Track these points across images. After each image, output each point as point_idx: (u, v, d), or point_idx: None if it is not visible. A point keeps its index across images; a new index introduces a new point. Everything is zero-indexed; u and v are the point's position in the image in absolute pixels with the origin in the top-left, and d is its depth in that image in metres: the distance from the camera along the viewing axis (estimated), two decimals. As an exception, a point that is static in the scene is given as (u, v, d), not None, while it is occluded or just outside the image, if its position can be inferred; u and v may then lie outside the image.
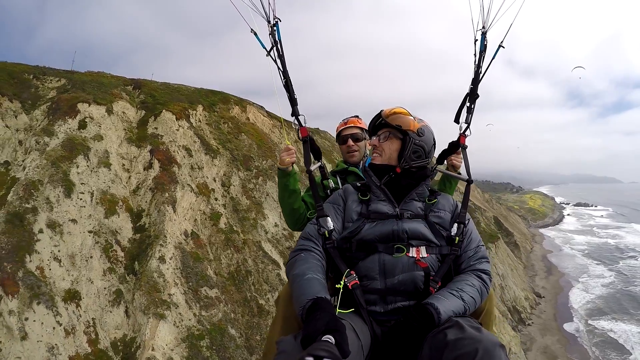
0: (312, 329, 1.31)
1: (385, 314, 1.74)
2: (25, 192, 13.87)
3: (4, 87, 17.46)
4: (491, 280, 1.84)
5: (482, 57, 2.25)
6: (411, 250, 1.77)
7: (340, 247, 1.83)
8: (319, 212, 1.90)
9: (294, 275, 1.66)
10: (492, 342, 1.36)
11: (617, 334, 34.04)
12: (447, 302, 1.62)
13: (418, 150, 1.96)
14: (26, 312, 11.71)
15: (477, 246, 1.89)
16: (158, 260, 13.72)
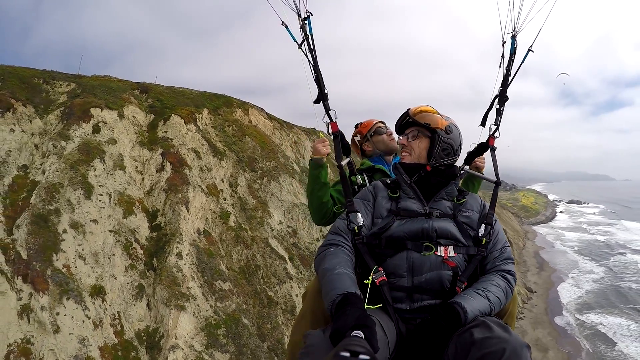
0: (342, 324, 1.34)
1: (412, 311, 1.76)
2: (48, 195, 15.12)
3: (17, 92, 18.55)
4: (516, 281, 1.89)
5: (511, 60, 2.30)
6: (439, 249, 1.80)
7: (369, 243, 1.86)
8: (349, 208, 1.93)
9: (323, 270, 1.69)
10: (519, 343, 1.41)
11: (606, 327, 35.85)
12: (473, 302, 1.65)
13: (447, 148, 2.01)
14: (57, 307, 13.03)
15: (503, 247, 1.92)
16: (176, 257, 15.14)
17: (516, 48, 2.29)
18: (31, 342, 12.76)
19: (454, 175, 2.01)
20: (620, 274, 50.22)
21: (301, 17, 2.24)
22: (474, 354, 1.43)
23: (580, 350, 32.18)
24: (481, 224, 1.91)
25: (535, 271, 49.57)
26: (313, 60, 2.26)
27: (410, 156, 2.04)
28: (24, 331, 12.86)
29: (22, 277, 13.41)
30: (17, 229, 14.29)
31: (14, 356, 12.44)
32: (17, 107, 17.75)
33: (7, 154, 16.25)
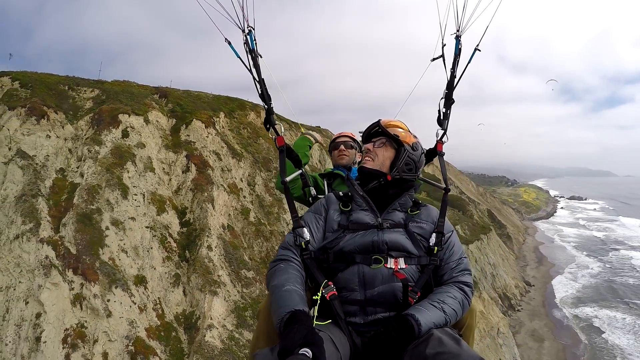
0: (289, 342, 1.38)
1: (365, 325, 1.81)
2: (89, 196, 17.50)
3: (47, 100, 20.77)
4: (473, 293, 1.93)
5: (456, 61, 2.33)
6: (389, 261, 1.85)
7: (317, 258, 1.90)
8: (295, 223, 1.98)
9: (272, 287, 1.72)
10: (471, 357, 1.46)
11: (600, 320, 38.98)
12: (428, 314, 1.69)
13: (410, 164, 2.06)
14: (107, 294, 15.50)
15: (460, 258, 1.96)
16: (206, 249, 17.68)
17: (461, 49, 2.32)
18: (85, 326, 15.24)
19: (410, 187, 2.07)
20: (616, 269, 53.33)
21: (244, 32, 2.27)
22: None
23: (575, 341, 35.07)
24: (432, 234, 1.95)
25: (534, 266, 52.97)
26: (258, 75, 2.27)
27: (372, 162, 2.08)
28: (77, 317, 15.32)
29: (73, 269, 15.84)
30: (64, 227, 16.68)
31: (71, 339, 14.91)
32: (49, 114, 19.99)
33: (45, 158, 18.55)
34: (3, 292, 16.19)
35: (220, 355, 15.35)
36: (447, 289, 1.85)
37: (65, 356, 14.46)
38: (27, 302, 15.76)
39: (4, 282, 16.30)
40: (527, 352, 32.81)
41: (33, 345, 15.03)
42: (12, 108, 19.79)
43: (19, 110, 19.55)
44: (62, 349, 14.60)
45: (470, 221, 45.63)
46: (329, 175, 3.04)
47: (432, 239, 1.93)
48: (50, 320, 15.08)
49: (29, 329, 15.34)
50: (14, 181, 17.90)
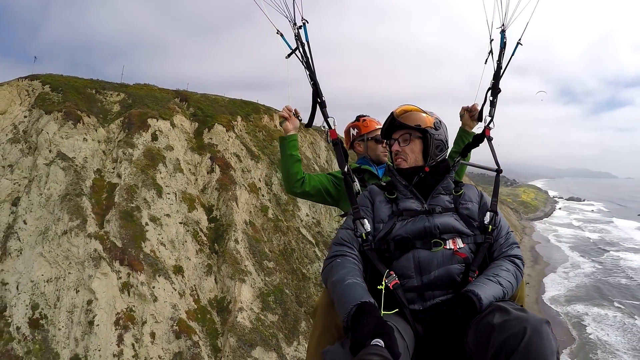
0: (360, 335, 1.45)
1: (425, 310, 1.89)
2: (128, 195, 20.64)
3: (80, 104, 23.67)
4: (524, 264, 2.04)
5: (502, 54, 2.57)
6: (447, 242, 1.95)
7: (378, 249, 1.99)
8: (355, 215, 2.06)
9: (333, 282, 1.81)
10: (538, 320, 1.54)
11: (591, 317, 42.41)
12: (486, 288, 1.79)
13: (440, 144, 2.17)
14: (153, 282, 18.74)
15: (507, 233, 2.09)
16: (234, 242, 21.06)
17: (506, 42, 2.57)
18: (133, 310, 18.47)
19: (448, 169, 2.19)
20: (609, 270, 57.20)
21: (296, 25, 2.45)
22: (495, 338, 1.55)
23: (567, 337, 38.52)
24: (485, 212, 2.08)
25: (530, 264, 57.36)
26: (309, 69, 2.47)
27: (406, 162, 2.17)
28: (126, 302, 18.55)
29: (119, 261, 19.03)
30: (108, 223, 19.82)
31: (122, 321, 18.15)
32: (84, 118, 22.90)
33: (84, 160, 21.55)
34: (52, 283, 19.33)
35: (250, 333, 18.82)
36: (499, 263, 1.97)
37: (118, 336, 17.70)
38: (78, 291, 18.93)
39: (53, 273, 19.43)
40: (520, 346, 36.95)
41: (86, 328, 18.24)
42: (48, 112, 22.70)
43: (56, 115, 22.46)
44: (114, 331, 17.83)
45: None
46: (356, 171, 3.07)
47: (487, 218, 2.06)
48: (102, 306, 18.27)
49: (81, 315, 18.53)
50: (57, 181, 20.92)
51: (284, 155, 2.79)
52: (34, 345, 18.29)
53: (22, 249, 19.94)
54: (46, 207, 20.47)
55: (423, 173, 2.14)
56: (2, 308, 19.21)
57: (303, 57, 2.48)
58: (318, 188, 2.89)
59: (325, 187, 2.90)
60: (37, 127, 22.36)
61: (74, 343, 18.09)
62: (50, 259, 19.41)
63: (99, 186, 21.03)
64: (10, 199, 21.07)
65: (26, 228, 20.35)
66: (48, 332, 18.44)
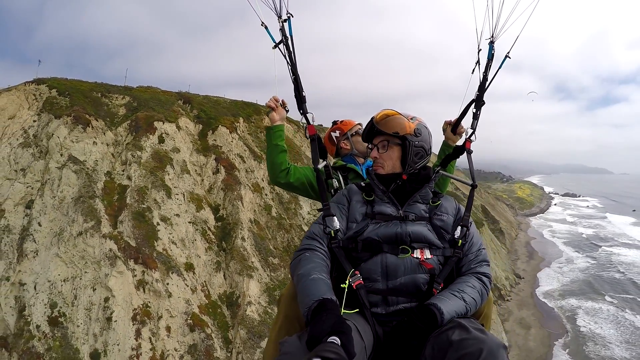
0: (318, 330, 1.52)
1: (387, 315, 1.98)
2: (139, 196, 22.18)
3: (87, 108, 25.07)
4: (492, 283, 2.11)
5: (489, 65, 2.63)
6: (415, 251, 2.04)
7: (346, 247, 2.08)
8: (326, 212, 2.15)
9: (299, 275, 1.89)
10: (496, 344, 1.62)
11: (584, 311, 45.05)
12: (449, 303, 1.87)
13: (420, 152, 2.23)
14: (166, 279, 20.34)
15: (479, 249, 2.16)
16: (241, 240, 22.74)
17: (494, 54, 2.64)
18: (149, 306, 20.06)
19: (428, 178, 2.26)
20: (603, 264, 60.07)
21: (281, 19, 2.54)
22: (451, 355, 1.65)
23: (560, 329, 40.97)
24: (457, 227, 2.16)
25: (525, 259, 59.98)
26: (291, 62, 2.57)
27: (383, 169, 2.26)
28: (142, 299, 20.12)
29: (134, 259, 20.59)
30: (121, 224, 21.35)
31: (139, 316, 19.74)
32: (92, 122, 24.32)
33: (95, 163, 23.00)
34: (69, 282, 20.82)
35: (258, 325, 20.58)
36: (466, 279, 2.04)
37: (136, 331, 19.29)
38: (95, 289, 20.45)
39: (70, 273, 20.91)
40: (515, 338, 39.00)
41: (104, 324, 19.78)
42: (57, 116, 24.08)
43: (65, 119, 23.85)
44: (132, 325, 19.41)
45: (463, 217, 51.72)
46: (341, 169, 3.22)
47: (457, 232, 2.13)
48: (119, 303, 19.82)
49: (99, 312, 20.07)
50: (69, 184, 22.37)
51: (270, 145, 2.90)
52: (54, 342, 19.77)
53: (38, 250, 21.36)
54: (60, 210, 21.91)
55: (400, 180, 2.21)
56: (21, 308, 20.65)
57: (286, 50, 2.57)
58: (302, 181, 2.97)
59: (309, 180, 2.98)
60: (47, 131, 23.74)
61: (93, 339, 19.62)
62: (66, 259, 20.88)
63: (110, 188, 22.52)
64: (24, 202, 22.45)
65: (41, 230, 21.76)
66: (67, 329, 19.92)
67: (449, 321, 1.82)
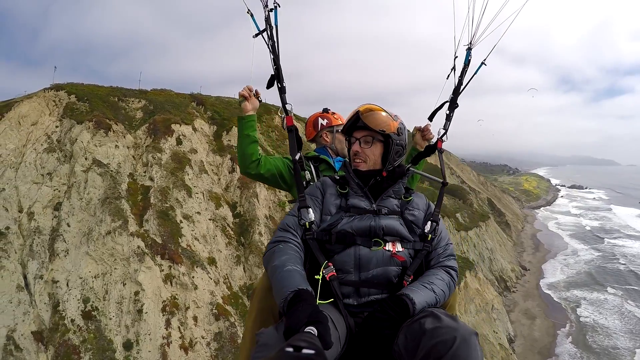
0: (295, 321, 1.58)
1: (359, 306, 2.11)
2: (162, 196, 24.42)
3: (107, 112, 27.21)
4: (458, 276, 2.30)
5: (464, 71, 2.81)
6: (388, 244, 2.18)
7: (319, 239, 2.19)
8: (301, 203, 2.25)
9: (273, 267, 1.96)
10: (468, 331, 1.73)
11: (588, 302, 47.72)
12: (420, 294, 2.00)
13: (399, 150, 2.40)
14: (192, 273, 22.64)
15: (447, 244, 2.34)
16: (258, 235, 25.05)
17: (470, 60, 2.80)
18: (176, 298, 22.38)
19: (402, 175, 2.42)
20: (610, 256, 62.73)
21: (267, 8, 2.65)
22: (425, 343, 1.74)
23: (564, 320, 43.45)
24: (427, 222, 2.32)
25: (531, 252, 62.61)
26: (274, 52, 2.64)
27: (365, 164, 2.37)
28: (170, 291, 22.43)
29: (160, 255, 22.87)
30: (147, 222, 23.61)
31: (168, 308, 22.06)
32: (112, 126, 26.48)
33: (118, 165, 25.20)
34: (100, 278, 23.10)
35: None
36: (435, 271, 2.20)
37: (166, 321, 21.62)
38: (125, 284, 22.74)
39: (100, 269, 23.18)
40: (520, 328, 41.42)
41: (135, 316, 22.08)
42: (80, 122, 26.23)
43: (87, 124, 26.00)
44: (162, 316, 21.73)
45: (470, 209, 54.33)
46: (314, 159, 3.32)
47: (427, 227, 2.30)
48: (149, 296, 22.12)
49: (130, 304, 22.36)
50: (95, 186, 24.59)
51: (241, 135, 2.94)
52: (89, 335, 22.04)
53: (68, 250, 23.58)
54: (87, 210, 24.13)
55: (380, 177, 2.35)
56: (55, 304, 22.90)
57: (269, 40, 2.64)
58: (273, 172, 3.05)
59: (280, 172, 3.07)
60: (71, 136, 25.90)
61: (125, 330, 21.92)
62: (96, 257, 23.13)
63: (133, 189, 24.76)
64: (52, 205, 24.64)
65: (70, 230, 23.98)
66: (100, 322, 22.19)
67: (421, 310, 1.94)
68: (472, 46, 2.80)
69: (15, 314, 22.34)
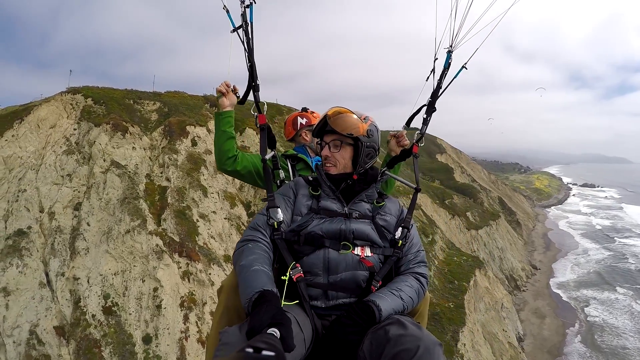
0: (257, 322, 1.61)
1: (327, 309, 2.16)
2: (179, 196, 25.61)
3: (123, 115, 28.45)
4: (428, 283, 2.32)
5: (444, 74, 2.83)
6: (356, 248, 2.22)
7: (288, 240, 2.23)
8: (270, 203, 2.30)
9: (240, 267, 2.01)
10: (432, 341, 1.77)
11: (599, 301, 48.50)
12: (387, 300, 2.05)
13: (370, 152, 2.44)
14: (209, 270, 23.79)
15: (417, 250, 2.37)
16: (272, 235, 26.18)
17: (451, 63, 2.82)
18: (194, 294, 23.55)
19: (375, 178, 2.48)
20: (622, 255, 63.52)
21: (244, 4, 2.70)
22: (388, 350, 1.78)
23: (574, 319, 44.26)
24: (398, 227, 2.36)
25: (542, 251, 63.36)
26: (249, 48, 2.70)
27: (335, 168, 2.44)
28: (188, 288, 23.61)
29: (178, 253, 24.05)
30: (164, 221, 24.81)
31: (186, 303, 23.24)
32: (129, 128, 27.73)
33: (135, 166, 26.43)
34: (120, 275, 24.33)
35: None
36: (405, 278, 2.24)
37: (184, 316, 22.80)
38: (144, 281, 23.95)
39: (119, 267, 24.41)
40: (530, 327, 42.17)
41: (154, 311, 23.28)
42: (97, 124, 27.49)
43: (105, 127, 27.25)
44: (180, 311, 22.90)
45: (481, 208, 55.15)
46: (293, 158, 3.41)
47: (398, 233, 2.34)
48: (167, 292, 23.31)
49: (149, 300, 23.57)
50: (114, 187, 25.83)
51: (218, 131, 3.00)
52: (109, 329, 23.27)
53: (89, 248, 24.84)
54: (106, 210, 25.38)
55: (351, 180, 2.41)
56: (76, 300, 24.17)
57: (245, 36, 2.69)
58: (249, 169, 3.11)
59: (256, 169, 3.12)
60: (89, 138, 27.17)
61: (145, 325, 23.12)
62: (116, 254, 24.37)
63: (151, 189, 25.97)
64: (72, 205, 25.91)
65: (90, 229, 25.24)
66: (120, 317, 23.41)
67: (387, 317, 1.99)
68: (452, 49, 2.84)
69: (38, 309, 23.56)
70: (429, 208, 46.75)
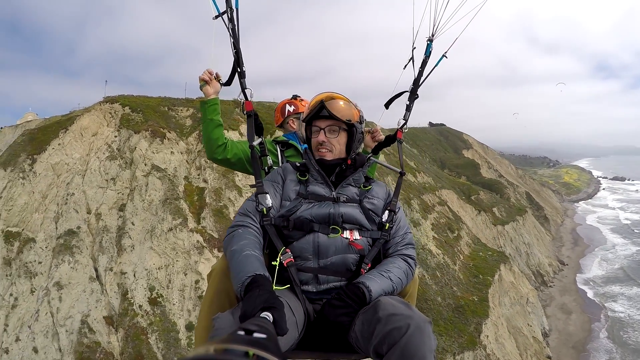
0: (250, 306, 1.68)
1: (318, 293, 2.26)
2: (216, 196, 28.55)
3: (160, 122, 31.54)
4: (416, 264, 2.45)
5: (425, 62, 2.99)
6: (345, 232, 2.32)
7: (277, 225, 2.31)
8: (259, 189, 2.38)
9: (231, 252, 2.08)
10: (422, 319, 1.85)
11: (627, 297, 49.56)
12: (377, 282, 2.15)
13: (360, 138, 2.59)
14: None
15: (405, 233, 2.49)
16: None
17: (431, 52, 2.97)
18: (232, 286, 26.41)
19: (363, 163, 2.57)
20: (648, 252, 63.41)
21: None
22: (380, 329, 1.86)
23: (600, 315, 45.47)
24: (385, 211, 2.47)
25: (570, 246, 64.49)
26: (234, 35, 2.72)
27: (332, 153, 2.51)
28: (228, 280, 26.48)
29: (217, 248, 26.99)
30: (204, 220, 27.78)
31: (224, 295, 26.12)
32: (166, 134, 30.83)
33: (174, 170, 29.48)
34: (163, 269, 27.40)
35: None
36: (393, 260, 2.36)
37: (224, 306, 25.68)
38: (186, 274, 26.97)
39: (163, 262, 27.47)
40: (555, 322, 43.43)
41: (196, 302, 26.23)
42: (136, 132, 30.66)
43: (144, 134, 30.39)
44: (220, 302, 25.77)
45: (507, 203, 56.76)
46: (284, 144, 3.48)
47: (385, 216, 2.45)
48: (208, 284, 26.21)
49: (191, 291, 26.55)
50: (155, 189, 28.94)
51: (205, 120, 3.05)
52: (155, 318, 26.28)
53: (134, 245, 27.94)
54: (149, 210, 28.50)
55: (345, 165, 2.50)
56: (124, 292, 27.30)
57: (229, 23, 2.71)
58: (240, 156, 3.19)
59: (246, 156, 3.19)
60: (130, 145, 30.37)
61: (187, 314, 26.08)
62: (160, 251, 27.45)
63: (189, 190, 29.00)
64: (117, 206, 29.11)
65: (134, 228, 28.37)
66: (165, 307, 26.40)
67: (377, 298, 2.08)
68: (433, 38, 2.96)
69: (89, 301, 26.58)
70: (454, 204, 48.61)
